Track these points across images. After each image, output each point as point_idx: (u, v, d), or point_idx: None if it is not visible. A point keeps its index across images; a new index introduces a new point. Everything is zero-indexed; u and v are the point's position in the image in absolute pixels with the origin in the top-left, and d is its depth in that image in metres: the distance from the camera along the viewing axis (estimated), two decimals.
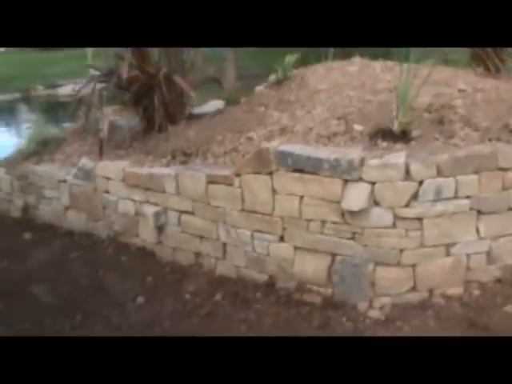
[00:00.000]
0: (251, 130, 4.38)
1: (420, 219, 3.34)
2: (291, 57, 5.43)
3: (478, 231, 3.45)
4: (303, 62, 5.68)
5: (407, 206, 3.32)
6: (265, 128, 4.34)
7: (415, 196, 3.31)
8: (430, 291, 3.50)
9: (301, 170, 3.55)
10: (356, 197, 3.34)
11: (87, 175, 4.82)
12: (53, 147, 5.66)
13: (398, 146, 3.56)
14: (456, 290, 3.49)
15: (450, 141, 3.58)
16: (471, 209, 3.40)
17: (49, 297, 3.96)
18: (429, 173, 3.29)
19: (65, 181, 5.03)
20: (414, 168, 3.28)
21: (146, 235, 4.51)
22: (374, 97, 4.37)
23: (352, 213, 3.39)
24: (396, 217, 3.34)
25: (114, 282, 4.10)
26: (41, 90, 17.32)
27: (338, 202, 3.41)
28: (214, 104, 5.63)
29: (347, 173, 3.37)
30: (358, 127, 3.87)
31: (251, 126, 4.50)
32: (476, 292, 3.49)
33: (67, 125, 6.47)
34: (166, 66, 4.96)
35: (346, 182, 3.40)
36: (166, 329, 3.45)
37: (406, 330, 3.25)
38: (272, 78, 5.49)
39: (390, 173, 3.30)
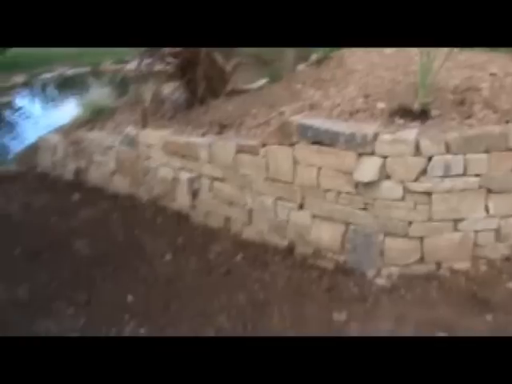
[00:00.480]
0: (284, 105, 4.70)
1: (429, 194, 3.58)
2: None
3: (487, 209, 3.64)
4: None
5: (416, 180, 3.56)
6: (297, 103, 4.66)
7: (424, 171, 3.56)
8: (438, 264, 3.73)
9: (319, 143, 3.86)
10: (367, 169, 3.62)
11: (131, 142, 5.30)
12: (105, 116, 6.18)
13: (414, 123, 3.79)
14: (463, 265, 3.70)
15: (466, 121, 3.78)
16: (480, 187, 3.59)
17: (87, 250, 4.47)
18: (438, 149, 3.51)
19: (112, 147, 5.54)
20: (424, 144, 3.51)
21: (181, 200, 4.94)
22: (404, 77, 4.59)
23: (364, 184, 3.67)
24: (405, 190, 3.60)
25: (147, 240, 4.56)
26: (109, 65, 18.13)
27: (352, 174, 3.71)
28: (259, 81, 5.99)
29: (361, 146, 3.65)
30: (380, 105, 4.12)
31: (285, 101, 4.81)
32: (483, 268, 3.69)
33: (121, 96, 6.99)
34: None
35: (359, 155, 3.69)
36: (187, 283, 3.88)
37: (409, 298, 3.52)
38: (313, 57, 5.79)
39: (400, 148, 3.55)
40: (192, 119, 5.19)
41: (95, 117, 6.19)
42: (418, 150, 3.54)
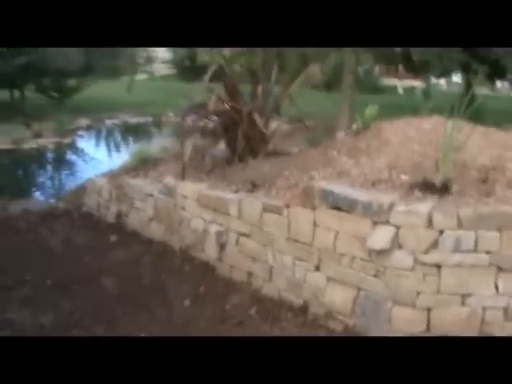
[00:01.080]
0: (315, 170, 5.04)
1: (438, 266, 3.79)
2: (372, 108, 6.07)
3: (496, 287, 3.81)
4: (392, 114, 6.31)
5: (427, 252, 3.80)
6: (327, 169, 4.99)
7: (435, 244, 3.79)
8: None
9: (339, 208, 4.16)
10: (380, 237, 3.88)
11: (169, 192, 5.74)
12: (150, 165, 6.69)
13: (432, 197, 4.05)
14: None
15: (484, 199, 4.01)
16: (491, 264, 3.77)
17: (113, 287, 4.86)
18: (450, 224, 3.74)
19: (151, 195, 6.00)
20: (436, 218, 3.76)
21: (209, 251, 5.29)
22: (435, 152, 4.87)
23: (376, 252, 3.93)
24: (416, 261, 3.82)
25: (171, 285, 4.90)
26: (171, 117, 19.10)
27: (366, 241, 3.97)
28: (299, 145, 6.40)
29: (376, 215, 3.93)
30: (403, 177, 4.41)
31: (317, 166, 5.16)
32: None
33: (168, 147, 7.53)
34: (252, 103, 5.80)
35: (375, 223, 3.96)
36: (200, 330, 4.17)
37: None
38: (353, 126, 6.16)
39: (413, 219, 3.80)
40: (228, 176, 5.59)
41: (141, 165, 6.70)
42: (430, 223, 3.78)
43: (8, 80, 14.22)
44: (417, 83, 22.76)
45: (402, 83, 25.92)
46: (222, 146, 6.06)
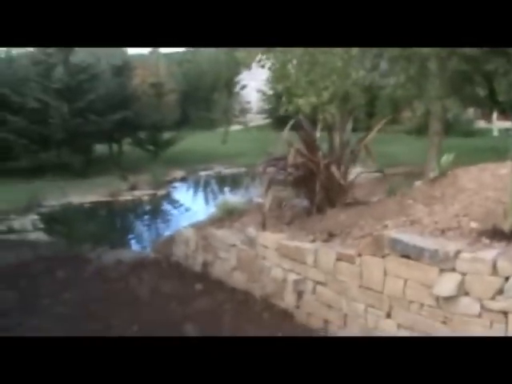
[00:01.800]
0: (390, 219, 5.38)
1: (505, 312, 4.00)
2: (448, 156, 6.36)
3: None
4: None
5: (493, 298, 4.02)
6: (401, 218, 5.32)
7: (501, 291, 4.00)
8: None
9: (407, 256, 4.48)
10: (447, 284, 4.15)
11: (251, 242, 6.26)
12: (235, 216, 7.27)
13: (500, 244, 4.28)
14: None
15: None
16: None
17: (194, 333, 5.36)
18: None
19: (234, 245, 6.54)
20: (501, 264, 3.99)
21: (288, 299, 5.71)
22: (510, 199, 5.07)
23: (443, 298, 4.19)
24: (482, 307, 4.05)
25: (250, 332, 5.34)
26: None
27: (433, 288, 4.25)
28: (378, 194, 6.76)
29: (442, 262, 4.21)
30: (473, 224, 4.66)
31: (392, 215, 5.50)
32: None
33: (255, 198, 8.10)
34: (329, 155, 6.26)
35: (441, 270, 4.24)
36: None
37: None
38: (431, 174, 6.46)
39: (478, 266, 4.05)
40: (307, 226, 6.03)
41: (226, 216, 7.29)
42: (495, 270, 4.02)
43: (106, 135, 15.58)
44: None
45: (498, 125, 25.49)
46: (300, 197, 6.52)
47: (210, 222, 7.45)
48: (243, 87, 32.57)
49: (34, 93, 14.76)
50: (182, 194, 15.03)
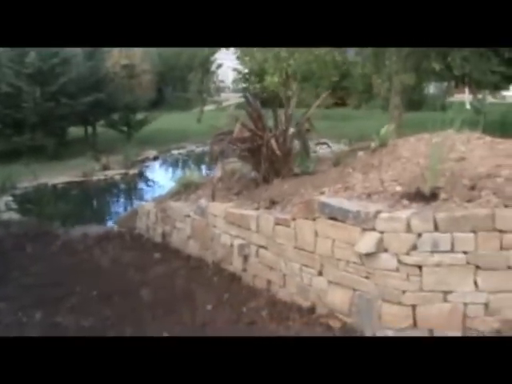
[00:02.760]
0: (327, 186, 5.58)
1: (419, 266, 4.23)
2: (388, 127, 6.58)
3: (476, 283, 4.20)
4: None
5: (408, 254, 4.25)
6: (337, 185, 5.52)
7: (415, 246, 4.24)
8: (430, 331, 4.31)
9: (335, 218, 4.69)
10: (367, 242, 4.38)
11: (202, 212, 6.44)
12: (192, 189, 7.43)
13: (418, 205, 4.50)
14: (453, 334, 4.25)
15: (465, 204, 4.41)
16: (468, 263, 4.16)
17: (148, 297, 5.58)
18: (427, 227, 4.19)
19: (189, 216, 6.72)
20: (414, 222, 4.22)
21: (235, 263, 5.93)
22: (439, 165, 5.29)
23: (365, 255, 4.42)
24: (399, 262, 4.29)
25: (199, 294, 5.55)
26: None
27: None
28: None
29: (364, 222, 4.43)
30: (398, 188, 4.88)
31: (330, 183, 5.70)
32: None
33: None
34: (274, 129, 6.42)
35: (363, 229, 4.46)
36: (215, 329, 4.80)
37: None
38: (372, 145, 6.67)
39: (395, 225, 4.27)
40: (253, 195, 6.21)
41: (183, 189, 7.46)
42: (409, 227, 4.25)
43: (80, 117, 15.59)
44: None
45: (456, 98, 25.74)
46: (247, 168, 6.71)
47: (170, 196, 7.62)
48: (219, 66, 32.37)
49: (7, 78, 14.70)
50: (154, 172, 15.14)
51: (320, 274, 4.87)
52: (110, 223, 9.21)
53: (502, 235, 4.13)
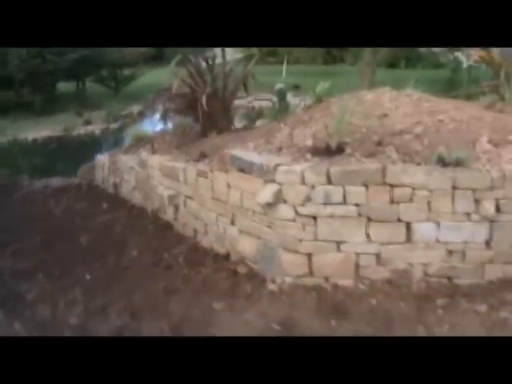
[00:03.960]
0: (252, 141, 5.52)
1: (314, 217, 4.22)
2: (324, 84, 6.48)
3: (367, 235, 4.19)
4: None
5: (303, 205, 4.23)
6: (260, 140, 5.46)
7: (309, 198, 4.21)
8: (326, 279, 4.33)
9: (243, 170, 4.66)
10: (266, 193, 4.36)
11: (144, 165, 6.43)
12: (143, 143, 7.39)
13: (319, 158, 4.45)
14: (346, 282, 4.25)
15: (363, 158, 4.36)
16: (360, 215, 4.14)
17: (86, 242, 5.65)
18: (320, 180, 4.16)
19: (133, 168, 6.71)
20: (307, 175, 4.18)
21: (168, 212, 5.94)
22: (360, 121, 5.20)
23: (268, 206, 4.40)
24: (296, 213, 4.27)
25: (131, 240, 5.59)
26: None
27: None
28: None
29: (266, 175, 4.39)
30: (308, 142, 4.82)
31: (257, 137, 5.64)
32: (362, 286, 4.23)
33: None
34: (211, 85, 6.32)
35: (265, 181, 4.43)
36: (135, 271, 4.85)
37: (285, 300, 4.18)
38: (307, 101, 6.57)
39: (291, 177, 4.24)
40: (190, 149, 6.17)
41: (135, 143, 7.42)
42: (303, 180, 4.21)
43: (66, 74, 15.40)
44: None
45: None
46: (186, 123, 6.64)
47: (123, 150, 7.59)
48: None
49: None
50: (135, 126, 15.00)
51: (232, 223, 4.87)
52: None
53: (392, 189, 4.09)
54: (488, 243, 4.11)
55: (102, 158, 7.86)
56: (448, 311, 3.87)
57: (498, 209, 4.06)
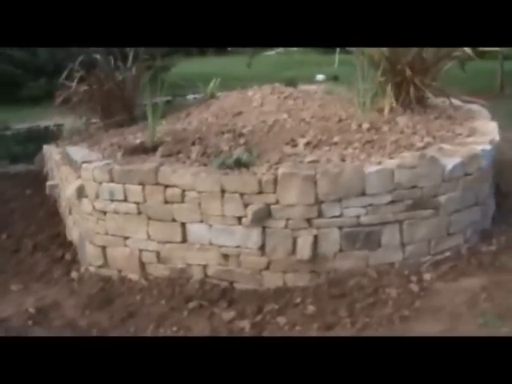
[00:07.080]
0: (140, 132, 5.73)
1: (104, 212, 4.52)
2: (215, 81, 6.72)
3: (147, 232, 4.41)
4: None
5: (96, 200, 4.54)
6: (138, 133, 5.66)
7: (98, 194, 4.51)
8: (119, 271, 4.61)
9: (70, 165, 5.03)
10: (71, 188, 4.74)
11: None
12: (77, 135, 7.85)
13: (131, 158, 4.68)
14: (132, 276, 4.54)
15: (168, 158, 4.56)
16: (140, 213, 4.39)
17: None
18: (105, 178, 4.44)
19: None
20: (95, 173, 4.48)
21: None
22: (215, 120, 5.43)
23: (77, 200, 4.72)
24: (93, 208, 4.59)
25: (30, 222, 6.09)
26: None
27: None
28: None
29: (76, 170, 4.75)
30: (138, 140, 5.07)
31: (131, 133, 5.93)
32: (144, 282, 4.47)
33: None
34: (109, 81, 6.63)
35: (77, 176, 4.76)
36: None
37: (75, 287, 4.58)
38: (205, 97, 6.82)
39: (87, 174, 4.56)
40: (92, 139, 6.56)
41: (69, 135, 7.87)
42: (94, 177, 4.51)
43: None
44: None
45: None
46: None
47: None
48: None
49: None
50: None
51: (70, 213, 5.24)
52: None
53: (165, 189, 4.29)
54: (262, 249, 4.18)
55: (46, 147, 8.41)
56: (194, 314, 4.06)
57: (269, 214, 4.09)
